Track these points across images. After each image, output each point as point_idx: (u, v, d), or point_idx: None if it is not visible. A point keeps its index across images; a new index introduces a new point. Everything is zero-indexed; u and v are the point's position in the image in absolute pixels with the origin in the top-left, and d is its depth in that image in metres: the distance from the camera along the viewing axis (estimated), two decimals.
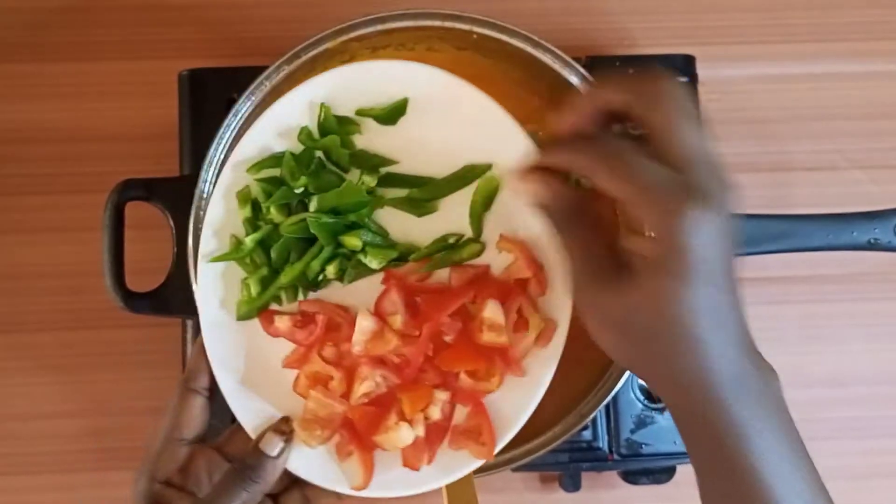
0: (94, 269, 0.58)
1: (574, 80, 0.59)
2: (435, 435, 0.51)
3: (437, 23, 0.59)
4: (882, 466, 0.71)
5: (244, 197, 0.52)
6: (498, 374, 0.50)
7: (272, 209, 0.52)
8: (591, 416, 0.57)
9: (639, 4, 0.75)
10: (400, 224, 0.53)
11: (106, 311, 0.62)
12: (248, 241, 0.52)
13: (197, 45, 0.74)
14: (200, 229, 0.57)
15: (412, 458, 0.50)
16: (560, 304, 0.51)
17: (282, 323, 0.52)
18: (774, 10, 0.76)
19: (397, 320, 0.50)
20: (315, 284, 0.53)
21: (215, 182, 0.54)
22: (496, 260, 0.52)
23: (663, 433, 0.63)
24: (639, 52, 0.73)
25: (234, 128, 0.58)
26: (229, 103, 0.59)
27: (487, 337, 0.50)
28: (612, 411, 0.63)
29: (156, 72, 0.72)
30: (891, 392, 0.72)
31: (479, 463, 0.51)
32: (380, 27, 0.59)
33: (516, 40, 0.59)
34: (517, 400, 0.51)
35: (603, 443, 0.63)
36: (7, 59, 0.74)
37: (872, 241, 0.58)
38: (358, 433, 0.51)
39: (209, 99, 0.65)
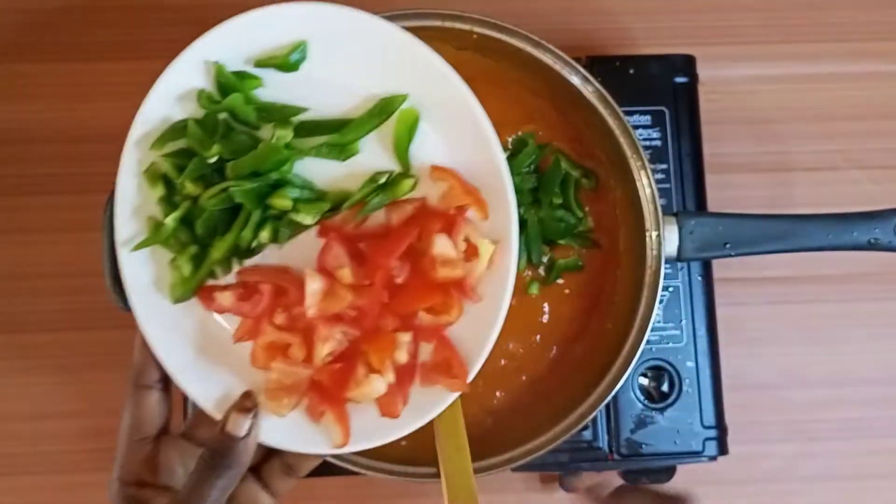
0: (94, 269, 0.58)
1: (574, 80, 0.59)
2: (405, 377, 0.50)
3: (437, 23, 0.59)
4: (882, 466, 0.71)
5: (153, 175, 0.49)
6: (456, 304, 0.50)
7: (187, 183, 0.48)
8: (591, 416, 0.57)
9: (639, 4, 0.75)
10: (325, 172, 0.51)
11: (106, 311, 0.62)
12: (169, 221, 0.49)
13: None
14: None
15: (388, 405, 0.49)
16: (503, 222, 0.50)
17: (224, 298, 0.49)
18: (774, 10, 0.76)
19: (346, 274, 0.49)
20: (250, 252, 0.50)
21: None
22: (430, 190, 0.51)
23: (663, 433, 0.63)
24: (639, 52, 0.73)
25: None
26: None
27: (443, 273, 0.49)
28: (612, 411, 0.63)
29: (156, 72, 0.72)
30: (891, 392, 0.72)
31: (455, 395, 0.50)
32: None
33: (516, 40, 0.59)
34: (479, 326, 0.50)
35: (603, 443, 0.63)
36: (7, 59, 0.74)
37: (872, 241, 0.58)
38: (327, 392, 0.49)
39: None
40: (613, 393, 0.57)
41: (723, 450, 0.63)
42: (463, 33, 0.59)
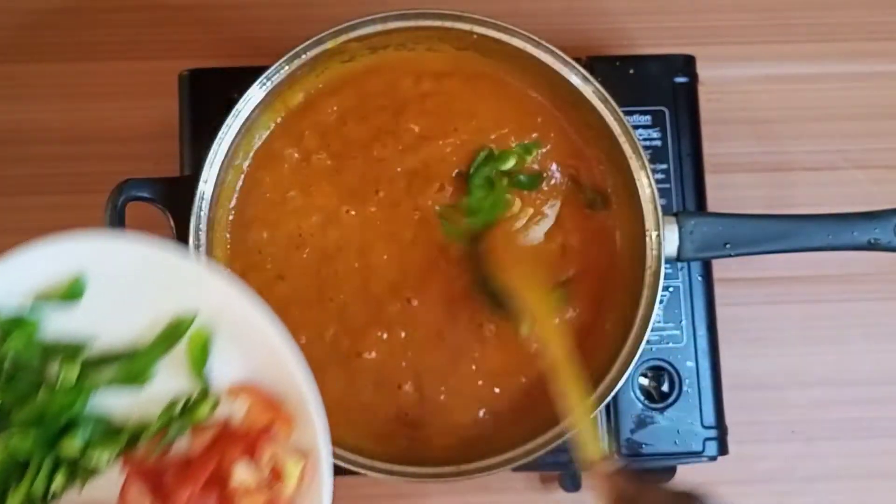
0: None
1: (574, 80, 0.59)
2: None
3: (437, 23, 0.59)
4: (882, 466, 0.71)
5: None
6: None
7: None
8: (591, 416, 0.57)
9: (639, 4, 0.75)
10: (124, 402, 0.49)
11: None
12: None
13: (197, 45, 0.74)
14: (201, 229, 0.57)
15: None
16: (311, 433, 0.48)
17: None
18: (774, 10, 0.76)
19: None
20: (49, 501, 0.47)
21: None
22: (234, 408, 0.50)
23: (663, 433, 0.63)
24: (639, 52, 0.73)
25: (234, 128, 0.58)
26: (229, 103, 0.59)
27: (245, 503, 0.47)
28: (612, 411, 0.63)
29: (156, 72, 0.72)
30: (891, 392, 0.72)
31: None
32: (380, 27, 0.59)
33: (516, 40, 0.59)
34: None
35: (603, 443, 0.63)
36: (7, 59, 0.74)
37: (872, 241, 0.58)
38: None
39: (209, 99, 0.65)
40: (613, 393, 0.57)
41: (723, 450, 0.63)
42: (463, 33, 0.59)
